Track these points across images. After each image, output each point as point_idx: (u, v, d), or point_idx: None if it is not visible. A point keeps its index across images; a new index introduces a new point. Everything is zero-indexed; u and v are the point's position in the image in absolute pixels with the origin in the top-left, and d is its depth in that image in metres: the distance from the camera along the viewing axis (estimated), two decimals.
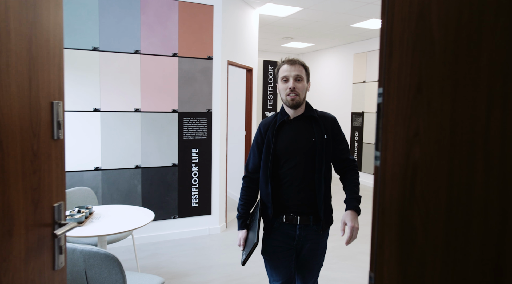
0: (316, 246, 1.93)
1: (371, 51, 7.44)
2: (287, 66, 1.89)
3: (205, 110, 4.38)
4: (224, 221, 4.74)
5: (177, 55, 4.15)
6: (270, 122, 1.95)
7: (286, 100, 1.88)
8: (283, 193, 1.88)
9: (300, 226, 1.88)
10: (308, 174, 1.87)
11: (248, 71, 5.42)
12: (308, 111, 1.94)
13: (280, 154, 1.87)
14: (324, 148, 1.86)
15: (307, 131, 1.89)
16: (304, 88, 1.90)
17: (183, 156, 4.29)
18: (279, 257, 1.92)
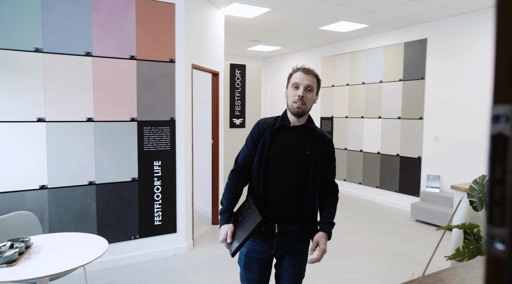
0: (295, 254, 1.90)
1: (339, 54, 7.32)
2: (301, 74, 1.87)
3: (168, 119, 3.99)
4: (191, 239, 4.35)
5: (135, 58, 3.74)
6: (270, 123, 1.91)
7: (292, 107, 1.86)
8: (268, 198, 1.85)
9: (278, 233, 1.86)
10: (296, 185, 1.85)
11: (214, 75, 5.08)
12: (309, 123, 1.93)
13: (272, 157, 1.85)
14: (317, 163, 1.87)
15: (304, 142, 1.88)
16: (312, 99, 1.88)
17: (144, 169, 3.88)
18: (253, 269, 1.90)
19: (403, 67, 6.05)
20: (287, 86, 1.94)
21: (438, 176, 5.47)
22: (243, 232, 1.73)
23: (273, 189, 1.85)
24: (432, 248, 4.33)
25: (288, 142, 1.87)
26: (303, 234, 1.90)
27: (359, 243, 4.50)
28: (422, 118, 5.79)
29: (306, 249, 1.95)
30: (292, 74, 1.91)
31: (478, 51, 5.04)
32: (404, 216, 5.69)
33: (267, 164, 1.86)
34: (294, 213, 1.86)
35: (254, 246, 1.88)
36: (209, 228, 5.08)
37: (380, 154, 6.50)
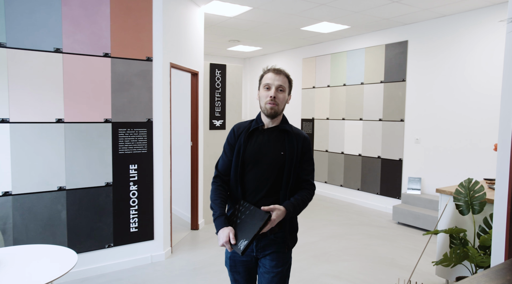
0: (276, 256, 1.88)
1: (320, 56, 7.26)
2: (272, 74, 1.87)
3: (145, 120, 3.78)
4: (169, 246, 4.15)
5: (110, 55, 3.53)
6: (245, 126, 1.93)
7: (265, 108, 1.86)
8: (248, 200, 1.86)
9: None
10: (272, 186, 1.85)
11: (194, 75, 4.90)
12: (283, 124, 1.93)
13: (247, 160, 1.86)
14: (292, 164, 1.86)
15: (278, 143, 1.88)
16: (284, 100, 1.88)
17: (119, 173, 3.66)
18: (239, 271, 1.93)
19: (384, 69, 6.03)
20: (258, 88, 1.94)
21: (419, 178, 5.47)
22: (250, 230, 1.72)
23: (251, 192, 1.86)
24: (416, 251, 4.29)
25: (262, 144, 1.88)
26: (282, 236, 1.89)
27: (343, 247, 4.41)
28: (403, 120, 5.78)
29: (289, 253, 1.95)
30: (263, 76, 1.92)
31: (455, 53, 5.06)
32: (386, 219, 5.66)
33: (243, 168, 1.87)
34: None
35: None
36: (188, 234, 4.89)
37: (362, 156, 6.47)
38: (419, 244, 4.52)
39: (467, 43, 4.96)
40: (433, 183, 5.39)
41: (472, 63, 4.91)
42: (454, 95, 5.12)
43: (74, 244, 3.43)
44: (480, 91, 4.84)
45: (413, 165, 5.66)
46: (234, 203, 1.90)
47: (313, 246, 4.43)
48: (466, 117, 4.99)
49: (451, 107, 5.16)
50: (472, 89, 4.92)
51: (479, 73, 4.84)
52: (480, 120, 4.84)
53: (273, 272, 1.88)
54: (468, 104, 4.97)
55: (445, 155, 5.23)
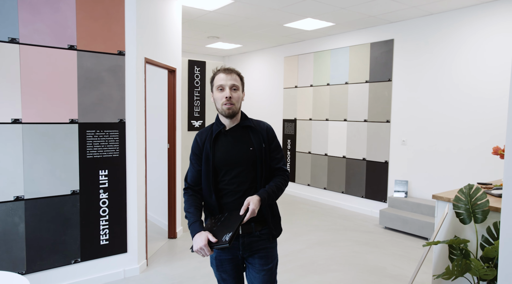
0: (264, 253, 1.91)
1: (303, 54, 7.02)
2: (223, 75, 1.85)
3: (116, 121, 3.41)
4: (144, 258, 3.79)
5: (76, 48, 3.14)
6: (207, 132, 1.91)
7: (222, 109, 1.85)
8: (226, 203, 1.86)
9: (242, 234, 1.86)
10: (249, 183, 1.87)
11: (171, 72, 4.55)
12: (244, 120, 1.94)
13: (220, 165, 1.85)
14: (263, 156, 1.88)
15: (245, 141, 1.89)
16: (239, 98, 1.88)
17: (87, 180, 3.28)
18: (227, 269, 1.92)
19: (369, 68, 5.85)
20: (212, 90, 1.91)
21: (406, 181, 5.31)
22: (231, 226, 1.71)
23: (227, 195, 1.86)
24: (407, 259, 4.09)
25: (230, 146, 1.87)
26: (267, 232, 1.91)
27: (331, 256, 4.17)
28: (389, 121, 5.61)
29: (274, 248, 1.97)
30: (214, 77, 1.89)
31: (443, 53, 4.92)
32: (373, 223, 5.47)
33: (216, 174, 1.86)
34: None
35: (223, 250, 1.89)
36: (165, 243, 4.53)
37: (346, 158, 6.27)
38: (409, 251, 4.33)
39: (455, 42, 4.82)
40: (420, 186, 5.24)
41: (460, 63, 4.78)
42: (441, 95, 4.98)
43: (34, 261, 3.02)
44: (468, 92, 4.71)
45: (400, 168, 5.50)
46: (209, 211, 1.89)
47: (299, 255, 4.17)
48: (454, 119, 4.86)
49: (438, 108, 5.02)
50: (460, 90, 4.79)
51: (467, 73, 4.72)
52: (469, 121, 4.71)
53: (263, 270, 1.91)
54: (456, 105, 4.83)
55: (433, 157, 5.09)
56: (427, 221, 4.67)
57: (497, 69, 4.44)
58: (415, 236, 4.85)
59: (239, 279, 1.97)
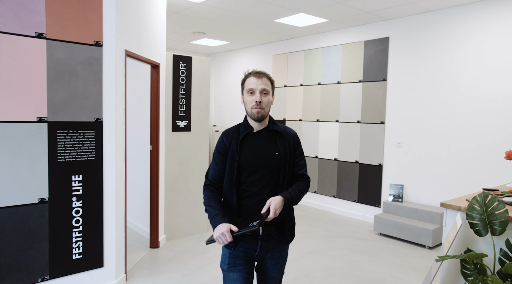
0: (278, 255, 1.96)
1: (292, 52, 6.74)
2: (254, 78, 1.88)
3: (92, 119, 3.04)
4: (123, 272, 3.42)
5: (45, 36, 2.76)
6: (234, 133, 1.93)
7: (252, 113, 1.88)
8: (246, 205, 1.88)
9: (262, 236, 1.89)
10: (271, 187, 1.89)
11: (154, 67, 4.18)
12: (271, 125, 1.96)
13: (244, 167, 1.87)
14: (287, 161, 1.91)
15: (271, 145, 1.92)
16: (269, 102, 1.91)
17: (58, 186, 2.89)
18: (239, 270, 1.91)
19: (363, 67, 5.62)
20: (242, 92, 1.94)
21: (401, 185, 5.09)
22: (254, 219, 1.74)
23: (249, 196, 1.87)
24: (406, 269, 3.85)
25: (256, 149, 1.89)
26: (285, 236, 1.95)
27: (326, 266, 3.89)
28: (383, 122, 5.39)
29: (287, 249, 2.03)
30: (245, 80, 1.92)
31: (441, 52, 4.72)
32: (366, 229, 5.23)
33: (239, 175, 1.88)
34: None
35: (238, 248, 1.90)
36: (146, 253, 4.16)
37: (338, 161, 6.02)
38: (407, 260, 4.09)
39: (454, 41, 4.62)
40: (416, 191, 5.03)
41: (459, 63, 4.58)
42: (439, 96, 4.78)
43: None
44: (467, 92, 4.52)
45: (394, 171, 5.28)
46: (228, 211, 1.89)
47: (293, 266, 3.87)
48: (453, 120, 4.66)
49: (436, 109, 4.81)
50: (459, 90, 4.59)
51: (467, 73, 4.52)
52: (469, 123, 4.51)
53: (274, 269, 1.97)
54: (455, 106, 4.63)
55: (430, 161, 4.88)
56: (425, 227, 4.45)
57: (498, 69, 4.26)
58: (412, 243, 4.62)
59: (249, 281, 1.97)
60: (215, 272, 3.68)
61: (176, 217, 4.62)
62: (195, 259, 4.01)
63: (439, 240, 4.54)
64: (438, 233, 4.51)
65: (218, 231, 1.70)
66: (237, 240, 1.88)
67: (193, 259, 4.02)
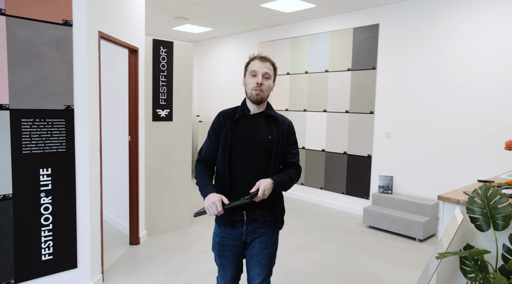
0: (265, 239, 1.97)
1: (279, 39, 6.50)
2: (258, 62, 1.93)
3: (62, 107, 2.76)
4: (99, 272, 3.18)
5: (4, 12, 2.45)
6: (230, 113, 1.97)
7: (251, 94, 1.91)
8: (237, 184, 1.90)
9: (247, 220, 1.93)
10: (261, 170, 1.91)
11: (132, 52, 3.89)
12: (268, 109, 2.00)
13: (235, 145, 1.91)
14: (279, 147, 1.94)
15: (265, 128, 1.95)
16: (269, 87, 1.95)
17: (24, 181, 2.62)
18: (228, 255, 1.98)
19: (352, 55, 5.43)
20: (244, 74, 1.98)
21: (391, 177, 4.95)
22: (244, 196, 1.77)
23: (238, 176, 1.90)
24: (398, 263, 3.72)
25: (250, 130, 1.93)
26: (272, 220, 1.98)
27: (316, 262, 3.72)
28: (373, 112, 5.23)
29: (275, 234, 2.02)
30: (249, 63, 1.96)
31: (433, 39, 4.57)
32: (355, 222, 5.09)
33: (231, 153, 1.91)
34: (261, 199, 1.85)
35: (225, 234, 1.95)
36: (126, 250, 3.91)
37: (325, 152, 5.85)
38: (399, 253, 3.97)
39: (447, 28, 4.47)
40: (406, 182, 4.91)
41: (452, 51, 4.44)
42: (431, 85, 4.64)
43: None
44: (460, 81, 4.39)
45: (384, 162, 5.15)
46: (221, 188, 1.90)
47: (281, 261, 3.69)
48: (445, 110, 4.53)
49: (427, 98, 4.67)
50: (451, 79, 4.46)
51: (460, 62, 4.38)
52: (461, 113, 4.39)
53: (262, 254, 1.97)
54: (447, 95, 4.50)
55: (420, 151, 4.75)
56: (415, 220, 4.34)
57: (493, 58, 4.13)
58: (402, 236, 4.51)
59: (238, 266, 2.04)
60: (199, 270, 3.47)
61: (157, 212, 4.37)
62: (178, 256, 3.79)
63: (430, 232, 4.44)
64: (429, 226, 4.41)
65: (209, 200, 1.71)
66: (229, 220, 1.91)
67: (175, 256, 3.80)
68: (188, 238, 4.30)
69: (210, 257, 3.75)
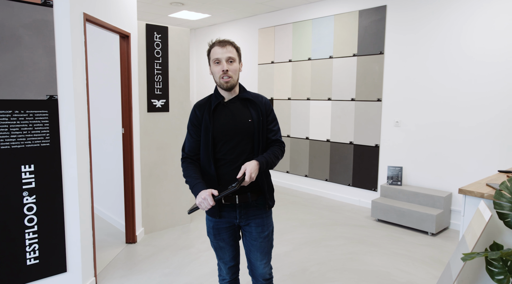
0: (260, 221, 1.97)
1: (280, 25, 6.20)
2: (218, 48, 1.87)
3: (44, 97, 2.50)
4: (92, 276, 2.95)
5: None
6: (205, 104, 1.94)
7: (220, 83, 1.88)
8: (224, 173, 1.90)
9: (239, 204, 1.93)
10: (247, 154, 1.91)
11: (123, 38, 3.62)
12: (242, 93, 1.97)
13: (218, 136, 1.88)
14: (261, 128, 1.92)
15: (244, 112, 1.93)
16: (237, 69, 1.90)
17: (3, 179, 2.38)
18: (224, 238, 1.99)
19: (357, 40, 5.14)
20: (209, 63, 1.93)
21: (400, 167, 4.71)
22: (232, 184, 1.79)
23: (225, 165, 1.89)
24: (411, 260, 3.49)
25: (229, 117, 1.90)
26: (263, 202, 1.97)
27: (324, 260, 3.50)
28: (380, 100, 4.96)
29: (270, 215, 2.03)
30: (210, 51, 1.91)
31: (447, 21, 4.28)
32: (363, 215, 4.86)
33: (214, 144, 1.89)
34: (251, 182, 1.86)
35: (220, 219, 1.95)
36: (122, 250, 3.69)
37: (330, 142, 5.60)
38: (411, 249, 3.74)
39: (467, 7, 4.17)
40: (417, 173, 4.66)
41: (472, 31, 4.15)
42: (447, 67, 4.35)
43: None
44: (481, 64, 4.11)
45: (392, 152, 4.89)
46: (208, 181, 1.90)
47: (286, 260, 3.47)
48: (458, 92, 4.26)
49: (439, 84, 4.40)
50: (469, 58, 4.17)
51: (480, 42, 4.09)
52: (478, 94, 4.12)
53: (261, 237, 1.97)
54: (464, 77, 4.23)
55: (432, 140, 4.50)
56: (427, 212, 4.10)
57: None
58: (414, 230, 4.28)
59: (235, 247, 2.05)
60: (200, 271, 3.25)
61: (155, 208, 4.14)
62: (177, 255, 3.57)
63: (442, 225, 4.20)
64: (442, 219, 4.17)
65: (200, 196, 1.74)
66: (220, 209, 1.92)
67: (174, 255, 3.58)
68: (188, 235, 4.07)
69: (211, 256, 3.53)
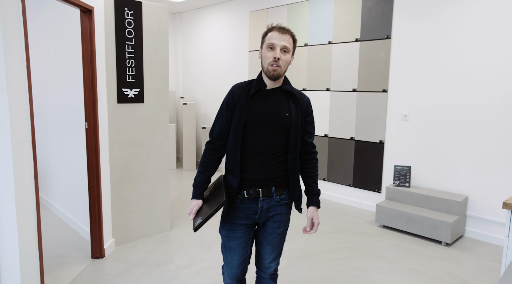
0: (279, 218, 1.90)
1: (273, 7, 5.60)
2: (276, 33, 1.76)
3: None
4: None
5: None
6: (245, 87, 1.85)
7: (268, 70, 1.77)
8: (248, 164, 1.81)
9: (262, 198, 1.85)
10: (276, 149, 1.82)
11: (84, 12, 2.99)
12: (286, 85, 1.86)
13: (250, 123, 1.79)
14: (297, 126, 1.83)
15: (282, 105, 1.83)
16: (288, 61, 1.80)
17: None
18: (237, 236, 1.88)
19: (360, 23, 4.57)
20: (261, 46, 1.84)
21: (408, 167, 4.18)
22: (208, 209, 1.77)
23: (250, 155, 1.80)
24: (426, 277, 2.98)
25: (266, 107, 1.81)
26: (287, 198, 1.91)
27: (325, 279, 2.96)
28: (386, 91, 4.41)
29: (289, 213, 1.95)
30: (266, 34, 1.81)
31: (470, 3, 3.73)
32: (366, 220, 4.33)
33: (245, 131, 1.80)
34: (276, 176, 1.82)
35: (237, 213, 1.85)
36: (85, 267, 3.10)
37: (328, 137, 5.05)
38: (425, 264, 3.22)
39: None
40: (427, 174, 4.13)
41: (496, 13, 3.61)
42: (461, 54, 3.82)
43: None
44: (500, 50, 3.57)
45: (399, 150, 4.36)
46: (232, 167, 1.82)
47: (282, 279, 2.92)
48: (477, 87, 3.73)
49: (455, 73, 3.86)
50: (487, 47, 3.64)
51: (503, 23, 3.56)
52: (501, 80, 3.60)
53: (275, 233, 1.91)
54: (482, 65, 3.69)
55: (444, 136, 3.97)
56: (441, 219, 3.59)
57: None
58: (425, 239, 3.77)
59: (246, 250, 1.91)
60: None
61: (127, 215, 3.56)
62: (152, 274, 2.99)
63: (458, 234, 3.70)
64: (458, 227, 3.67)
65: (189, 207, 1.83)
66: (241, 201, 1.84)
67: (148, 274, 3.00)
68: (166, 247, 3.50)
69: (192, 275, 2.97)
